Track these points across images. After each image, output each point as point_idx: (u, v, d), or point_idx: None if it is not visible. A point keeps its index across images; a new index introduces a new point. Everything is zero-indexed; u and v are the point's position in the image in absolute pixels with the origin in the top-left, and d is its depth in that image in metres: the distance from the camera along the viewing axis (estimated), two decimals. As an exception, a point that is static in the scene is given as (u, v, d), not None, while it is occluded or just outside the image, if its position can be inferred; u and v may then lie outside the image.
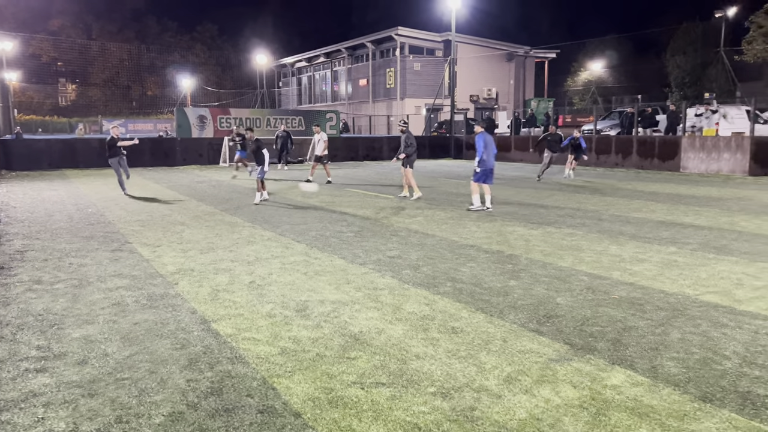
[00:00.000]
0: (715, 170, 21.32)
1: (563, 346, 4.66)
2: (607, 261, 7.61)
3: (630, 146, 24.45)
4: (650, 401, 3.69)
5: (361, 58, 52.54)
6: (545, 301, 5.85)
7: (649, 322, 5.18)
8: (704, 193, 15.37)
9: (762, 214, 11.37)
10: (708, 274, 6.86)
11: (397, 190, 16.33)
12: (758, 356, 4.40)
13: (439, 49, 48.08)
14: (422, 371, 4.19)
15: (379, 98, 49.55)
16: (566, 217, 11.27)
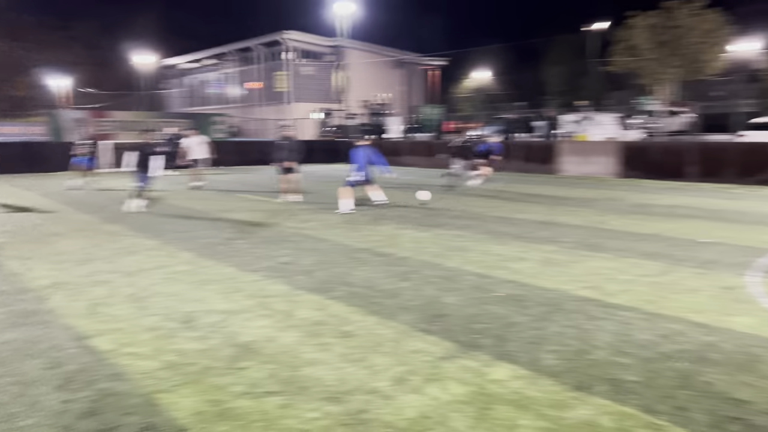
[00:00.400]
0: (589, 173, 22.89)
1: (451, 344, 4.81)
2: (492, 260, 7.94)
3: (512, 151, 25.73)
4: (531, 393, 3.90)
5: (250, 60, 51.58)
6: (434, 301, 6.01)
7: (529, 318, 5.47)
8: (579, 194, 16.45)
9: (630, 213, 12.34)
10: (582, 270, 7.34)
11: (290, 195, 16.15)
12: (625, 345, 4.76)
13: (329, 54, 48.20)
14: (314, 377, 4.17)
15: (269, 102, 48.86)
16: (454, 220, 11.65)
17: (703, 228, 10.34)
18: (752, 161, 18.19)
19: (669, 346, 4.73)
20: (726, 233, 9.78)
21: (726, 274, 7.03)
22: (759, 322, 5.28)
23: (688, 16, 21.83)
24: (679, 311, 5.62)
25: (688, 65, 22.73)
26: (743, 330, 5.08)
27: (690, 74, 23.69)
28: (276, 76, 47.69)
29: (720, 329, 5.11)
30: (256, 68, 50.20)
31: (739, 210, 12.68)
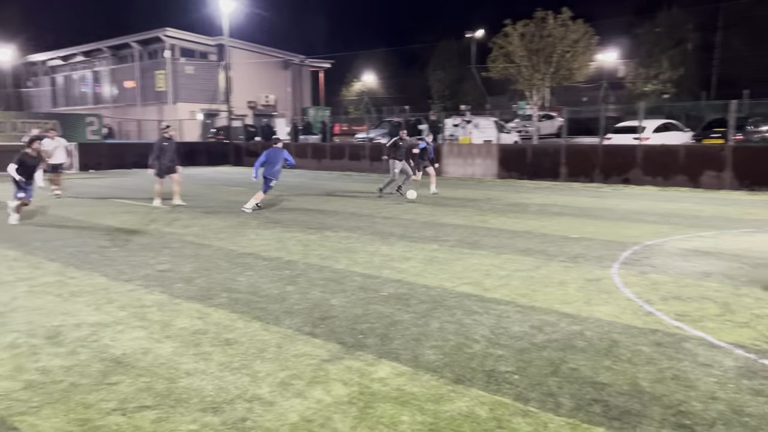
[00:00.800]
0: (471, 174, 23.83)
1: (336, 345, 4.81)
2: (378, 261, 8.05)
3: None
4: (412, 389, 3.98)
5: (126, 58, 48.89)
6: (320, 304, 6.00)
7: (413, 315, 5.59)
8: (461, 194, 17.08)
9: (507, 212, 12.98)
10: (463, 267, 7.62)
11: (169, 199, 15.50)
12: (501, 337, 4.99)
13: (212, 53, 46.78)
14: (192, 388, 4.01)
15: (148, 102, 46.57)
16: (343, 221, 11.70)
17: (573, 225, 11.07)
18: (616, 162, 19.74)
19: (540, 336, 5.01)
20: (593, 229, 10.53)
21: (592, 267, 7.57)
22: (619, 310, 5.72)
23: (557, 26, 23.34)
24: (550, 303, 5.98)
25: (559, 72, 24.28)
26: (605, 318, 5.49)
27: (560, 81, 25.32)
28: (156, 75, 45.55)
29: (585, 318, 5.49)
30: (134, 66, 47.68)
31: (604, 207, 13.71)
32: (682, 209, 13.19)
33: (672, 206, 13.76)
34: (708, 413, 3.61)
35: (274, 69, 49.96)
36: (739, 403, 3.75)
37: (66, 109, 51.42)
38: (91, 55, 51.41)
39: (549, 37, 23.58)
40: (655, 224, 10.99)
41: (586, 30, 23.75)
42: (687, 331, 5.11)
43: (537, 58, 24.10)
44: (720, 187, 17.37)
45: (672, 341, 4.86)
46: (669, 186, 18.31)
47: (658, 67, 43.87)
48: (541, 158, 21.80)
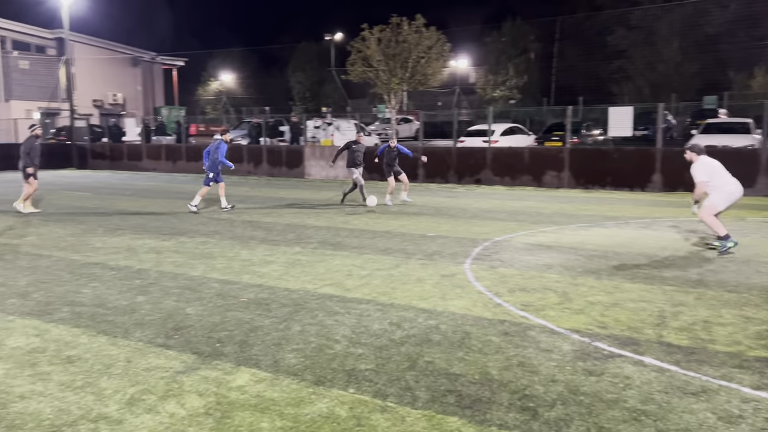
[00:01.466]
0: (333, 176, 23.96)
1: (191, 356, 4.62)
2: (238, 266, 7.84)
3: (260, 155, 25.77)
4: (271, 394, 3.92)
5: (-55, 49, 43.44)
6: (174, 314, 5.72)
7: (274, 320, 5.51)
8: (324, 196, 17.13)
9: (368, 213, 13.21)
10: (325, 269, 7.64)
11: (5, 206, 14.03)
12: (362, 336, 5.07)
13: (51, 47, 42.98)
14: (27, 412, 3.66)
15: (-25, 99, 41.75)
16: (200, 226, 11.25)
17: (429, 224, 11.51)
18: (469, 164, 20.83)
19: (399, 332, 5.16)
20: (448, 227, 11.03)
21: (447, 263, 7.92)
22: (471, 303, 6.04)
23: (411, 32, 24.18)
24: (408, 300, 6.17)
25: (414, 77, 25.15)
26: (459, 311, 5.77)
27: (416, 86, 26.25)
28: (-18, 69, 40.94)
29: (441, 312, 5.73)
30: (-45, 58, 42.50)
31: (458, 206, 14.41)
32: (527, 207, 14.21)
33: (518, 204, 14.77)
34: (549, 395, 3.92)
35: (122, 66, 46.95)
36: (575, 383, 4.10)
37: None
38: None
39: (404, 43, 24.34)
40: (503, 221, 11.73)
41: (438, 37, 24.80)
42: (531, 319, 5.51)
43: (394, 62, 24.79)
44: (560, 186, 18.93)
45: (518, 330, 5.22)
46: (516, 186, 19.65)
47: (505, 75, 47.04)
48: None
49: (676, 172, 16.86)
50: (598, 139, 24.37)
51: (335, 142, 25.86)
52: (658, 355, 4.59)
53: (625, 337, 5.02)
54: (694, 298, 6.18)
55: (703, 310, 5.74)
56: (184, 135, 29.35)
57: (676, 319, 5.47)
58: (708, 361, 4.47)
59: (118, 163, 29.51)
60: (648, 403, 3.78)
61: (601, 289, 6.54)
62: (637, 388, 4.00)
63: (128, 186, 20.71)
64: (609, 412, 3.66)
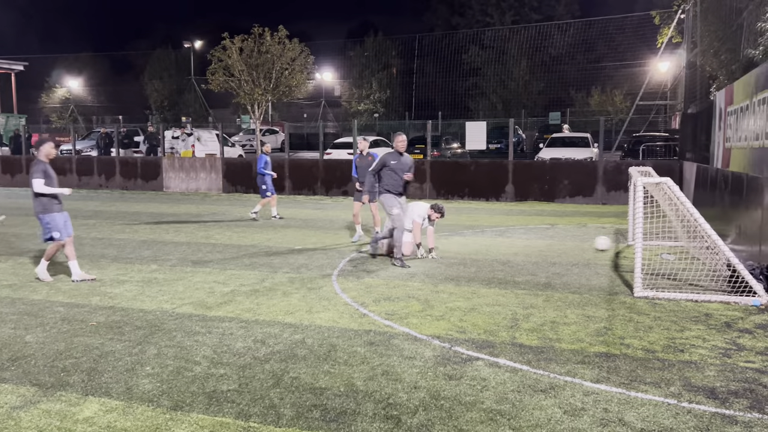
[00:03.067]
0: (195, 189, 23.04)
1: (30, 388, 4.19)
2: (86, 287, 7.26)
3: (113, 167, 24.18)
4: (124, 424, 3.66)
5: None
6: (11, 342, 5.17)
7: (127, 344, 5.16)
8: (185, 210, 16.39)
9: (233, 227, 12.83)
10: (185, 287, 7.29)
11: None
12: (224, 355, 4.89)
13: None
14: None
15: None
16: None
17: (297, 236, 11.41)
18: (336, 176, 20.96)
19: (263, 349, 5.04)
20: (315, 240, 10.99)
21: (314, 276, 7.88)
22: (338, 315, 6.05)
23: (274, 44, 23.93)
24: (273, 315, 6.06)
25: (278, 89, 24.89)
26: (326, 324, 5.75)
27: (280, 97, 26.00)
28: None
29: (307, 326, 5.68)
30: None
31: (326, 218, 14.43)
32: (392, 217, 14.56)
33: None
34: (412, 402, 4.01)
35: (-51, 68, 41.96)
36: (436, 388, 4.24)
37: None
38: None
39: (267, 54, 24.01)
40: (369, 232, 11.91)
41: (302, 49, 24.75)
42: (395, 328, 5.63)
43: (257, 73, 24.33)
44: (422, 197, 19.59)
45: (382, 339, 5.30)
46: (381, 197, 20.09)
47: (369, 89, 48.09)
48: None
49: (526, 182, 18.15)
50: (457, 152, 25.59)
51: (196, 153, 24.92)
52: (511, 356, 4.87)
53: (482, 340, 5.28)
54: (543, 300, 6.65)
55: (551, 312, 6.19)
56: (25, 146, 26.78)
57: (527, 321, 5.85)
58: (555, 359, 4.82)
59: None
60: (503, 402, 4.00)
61: (460, 295, 6.84)
62: (493, 389, 4.21)
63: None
64: (468, 414, 3.81)
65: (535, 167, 18.80)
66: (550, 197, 17.79)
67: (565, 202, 17.58)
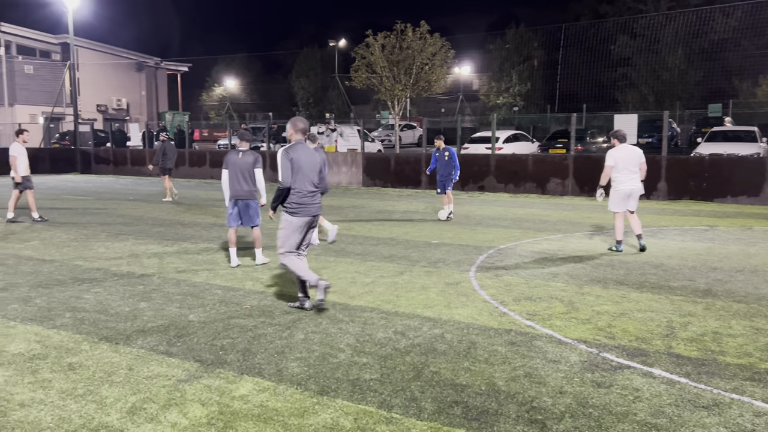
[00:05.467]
0: (336, 182, 23.93)
1: (194, 364, 4.56)
2: (240, 273, 7.78)
3: (265, 161, 25.76)
4: (275, 404, 3.86)
5: (-49, 54, 43.60)
6: (177, 321, 5.67)
7: (277, 328, 5.45)
8: (326, 203, 17.06)
9: (372, 220, 13.16)
10: (328, 276, 7.57)
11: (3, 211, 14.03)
12: (366, 344, 5.01)
13: (56, 52, 43.12)
14: (28, 421, 3.60)
15: (-20, 103, 41.88)
16: (203, 232, 11.20)
17: (434, 231, 11.45)
18: (472, 171, 20.78)
19: (404, 341, 5.09)
20: (452, 235, 10.96)
21: (451, 271, 7.85)
22: (476, 312, 5.97)
23: (415, 39, 24.15)
24: (412, 308, 6.11)
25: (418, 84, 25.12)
26: (464, 320, 5.70)
27: (420, 92, 26.21)
28: (-12, 74, 41.08)
29: (446, 321, 5.66)
30: (-40, 63, 42.63)
31: (462, 213, 14.34)
32: (532, 214, 14.14)
33: (522, 212, 14.71)
34: (557, 407, 3.85)
35: (127, 71, 47.06)
36: (584, 395, 4.03)
37: None
38: None
39: (408, 49, 24.30)
40: (507, 229, 11.67)
41: (443, 44, 24.77)
42: (537, 329, 5.44)
43: (397, 69, 24.73)
44: (564, 194, 18.86)
45: (524, 340, 5.15)
46: (519, 193, 19.58)
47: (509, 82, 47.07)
48: (403, 166, 22.42)
49: (681, 180, 16.79)
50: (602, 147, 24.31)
51: (339, 148, 25.84)
52: (667, 367, 4.51)
53: (634, 348, 4.95)
54: (702, 308, 6.11)
55: (713, 321, 5.66)
56: (188, 140, 29.34)
57: (684, 330, 5.39)
58: (719, 373, 4.40)
59: (121, 168, 29.52)
60: (658, 416, 3.71)
61: (608, 299, 6.47)
62: (647, 401, 3.93)
63: (131, 191, 20.70)
64: (619, 426, 3.59)
65: (692, 163, 17.33)
66: (709, 196, 16.34)
67: (726, 202, 16.06)
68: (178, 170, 27.81)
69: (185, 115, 40.81)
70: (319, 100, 56.30)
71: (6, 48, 40.46)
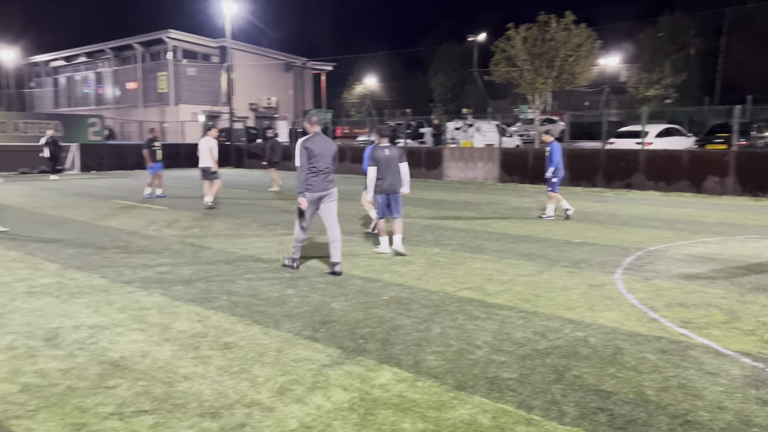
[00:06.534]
0: (472, 178, 23.76)
1: (336, 350, 4.75)
2: (379, 264, 7.98)
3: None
4: (413, 395, 3.92)
5: (128, 59, 48.89)
6: (321, 308, 5.93)
7: (414, 320, 5.53)
8: (463, 198, 17.01)
9: (509, 216, 12.92)
10: (465, 272, 7.55)
11: (171, 201, 15.50)
12: (504, 343, 4.93)
13: (214, 55, 46.76)
14: (191, 393, 3.95)
15: (150, 103, 46.56)
16: (343, 224, 11.57)
17: (575, 229, 11.00)
18: (619, 167, 19.67)
19: (543, 342, 4.95)
20: (595, 234, 10.46)
21: (595, 272, 7.50)
22: (623, 317, 5.66)
23: (559, 30, 23.27)
24: (553, 309, 5.92)
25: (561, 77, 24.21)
26: (609, 324, 5.42)
27: (562, 85, 25.24)
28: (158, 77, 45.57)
29: (589, 324, 5.42)
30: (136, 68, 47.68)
31: (607, 212, 13.63)
32: (686, 215, 13.12)
33: (675, 211, 13.68)
34: (715, 423, 3.55)
35: (276, 71, 49.94)
36: (746, 413, 3.68)
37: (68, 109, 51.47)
38: (94, 56, 51.38)
39: (552, 41, 23.47)
40: (658, 230, 10.92)
41: (588, 34, 23.64)
42: (692, 338, 5.04)
43: (539, 62, 23.98)
44: (723, 193, 17.29)
45: (677, 349, 4.79)
46: (672, 191, 18.23)
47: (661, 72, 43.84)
48: (542, 162, 21.72)
49: None
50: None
51: (475, 143, 25.62)
52: None
53: (808, 365, 4.43)
54: None
55: None
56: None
57: None
58: None
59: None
60: (840, 444, 3.30)
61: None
62: (826, 426, 3.50)
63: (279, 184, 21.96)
64: (790, 451, 3.23)
65: None
66: None
67: None
68: (321, 165, 29.10)
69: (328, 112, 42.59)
70: (456, 95, 56.11)
71: (173, 53, 44.60)
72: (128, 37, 46.99)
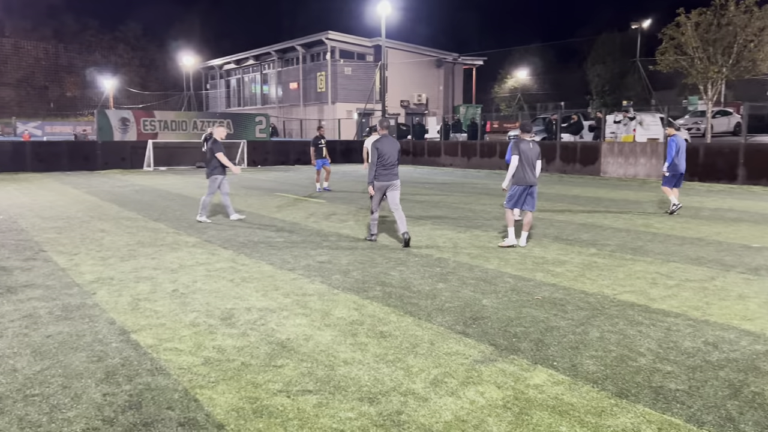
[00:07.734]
0: (633, 174, 22.37)
1: (488, 347, 4.74)
2: (531, 263, 7.82)
3: (554, 151, 25.32)
4: (570, 399, 3.81)
5: (291, 61, 52.12)
6: (472, 303, 5.94)
7: (570, 322, 5.35)
8: (622, 196, 16.08)
9: (675, 216, 12.00)
10: (625, 274, 7.16)
11: (329, 195, 16.32)
12: (670, 352, 4.61)
13: (369, 54, 48.34)
14: (350, 377, 4.16)
15: (310, 102, 49.29)
16: (493, 221, 11.52)
17: (753, 232, 9.97)
18: (806, 163, 17.49)
19: (716, 354, 4.56)
20: (778, 238, 9.41)
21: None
22: (813, 332, 5.05)
23: (739, 13, 21.09)
24: (727, 318, 5.43)
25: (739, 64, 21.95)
26: (796, 339, 4.86)
27: (740, 74, 22.87)
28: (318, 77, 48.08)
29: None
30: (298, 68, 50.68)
31: (791, 214, 12.19)
32: None
33: None
34: None
35: (427, 68, 50.50)
36: None
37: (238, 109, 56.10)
38: (261, 58, 55.44)
39: (729, 26, 21.35)
40: None
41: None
42: None
43: (714, 49, 21.93)
44: None
45: None
46: None
47: None
48: (714, 158, 19.91)
49: None
50: None
51: (637, 138, 24.08)
52: None
53: None
54: None
55: None
56: (480, 132, 30.36)
57: None
58: None
59: (419, 159, 31.92)
60: None
61: None
62: None
63: (428, 180, 22.25)
64: None
65: None
66: None
67: None
68: (470, 161, 29.02)
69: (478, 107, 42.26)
70: (615, 87, 53.05)
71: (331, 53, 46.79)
72: (291, 40, 50.06)
